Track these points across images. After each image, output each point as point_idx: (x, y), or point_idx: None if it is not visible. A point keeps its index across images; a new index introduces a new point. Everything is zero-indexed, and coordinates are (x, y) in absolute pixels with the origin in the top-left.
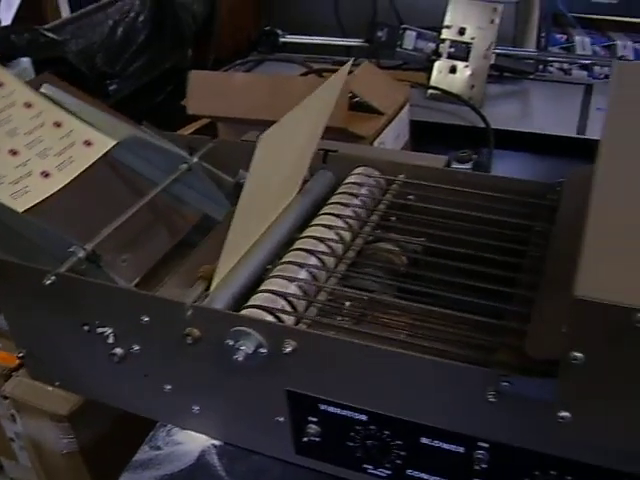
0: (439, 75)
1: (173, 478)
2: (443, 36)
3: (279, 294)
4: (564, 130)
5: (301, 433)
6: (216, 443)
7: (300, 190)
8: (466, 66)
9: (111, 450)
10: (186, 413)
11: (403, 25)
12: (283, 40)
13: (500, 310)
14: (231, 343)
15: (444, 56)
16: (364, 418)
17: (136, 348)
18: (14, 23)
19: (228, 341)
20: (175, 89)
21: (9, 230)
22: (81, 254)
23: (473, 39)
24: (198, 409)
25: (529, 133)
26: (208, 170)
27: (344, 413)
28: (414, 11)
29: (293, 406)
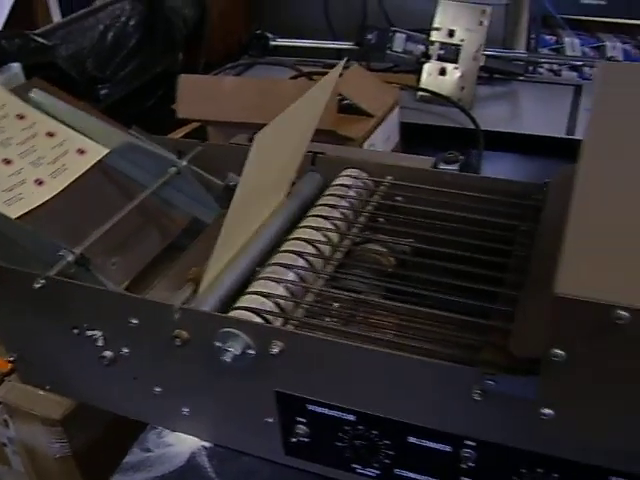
0: (429, 77)
1: None
2: (432, 38)
3: (267, 295)
4: (553, 131)
5: (290, 434)
6: (206, 445)
7: (289, 192)
8: (456, 68)
9: (104, 454)
10: (176, 415)
11: (393, 28)
12: (274, 44)
13: (486, 309)
14: (219, 345)
15: (434, 58)
16: (352, 418)
17: (125, 351)
18: (5, 28)
19: (216, 343)
20: (166, 93)
21: (2, 236)
22: (70, 258)
23: (462, 41)
24: (188, 411)
25: (519, 134)
26: (197, 173)
27: (332, 413)
28: (404, 13)
29: (282, 407)
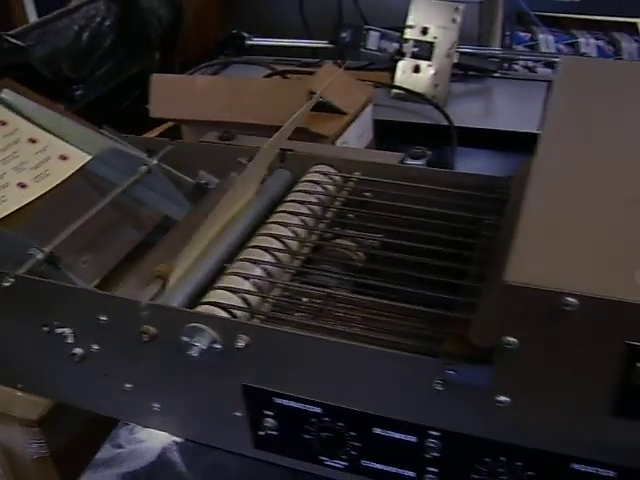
0: (403, 75)
1: (135, 475)
2: (406, 36)
3: (233, 290)
4: (527, 126)
5: (258, 427)
6: (178, 440)
7: (258, 189)
8: (429, 65)
9: (82, 455)
10: (147, 411)
11: (367, 26)
12: (250, 43)
13: (452, 301)
14: (186, 339)
15: (408, 56)
16: (318, 410)
17: (95, 348)
18: None
19: (183, 338)
20: (142, 93)
21: None
22: (40, 256)
23: (436, 38)
24: (158, 407)
25: (492, 130)
26: (168, 172)
27: (299, 406)
28: (379, 12)
29: (249, 400)
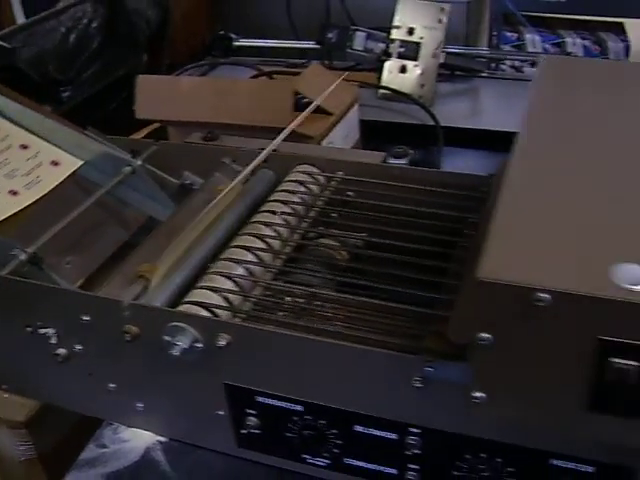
0: (390, 75)
1: (119, 475)
2: (393, 36)
3: (215, 290)
4: (513, 126)
5: (241, 426)
6: (162, 439)
7: (242, 190)
8: (416, 65)
9: (70, 455)
10: (131, 411)
11: (353, 26)
12: (237, 44)
13: (433, 299)
14: (168, 339)
15: (394, 56)
16: (300, 408)
17: (79, 348)
18: None
19: (165, 337)
20: (130, 95)
21: None
22: (22, 257)
23: (422, 39)
24: (142, 406)
25: (479, 130)
26: (152, 172)
27: (281, 404)
28: (366, 12)
29: (231, 399)
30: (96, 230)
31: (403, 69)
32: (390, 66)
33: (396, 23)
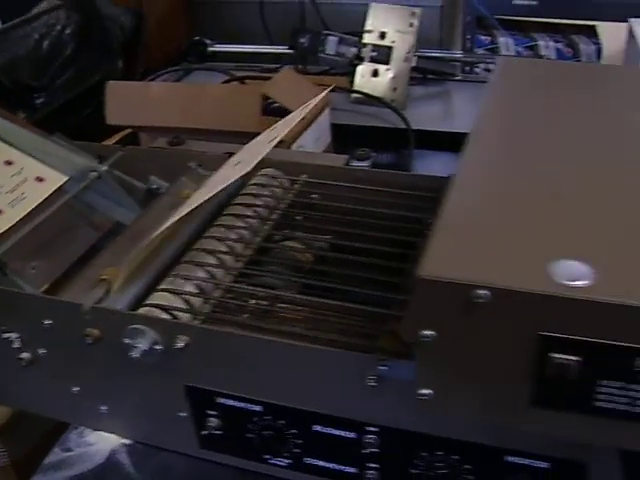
0: (362, 79)
1: (83, 478)
2: (365, 40)
3: (175, 292)
4: None
5: (202, 427)
6: (126, 442)
7: None
8: (388, 69)
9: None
10: (95, 413)
11: (325, 31)
12: (212, 49)
13: (390, 299)
14: (128, 341)
15: (366, 60)
16: (259, 409)
17: (42, 352)
18: None
19: (125, 339)
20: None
21: None
22: None
23: (394, 42)
24: (106, 409)
25: (451, 132)
26: (119, 177)
27: (240, 405)
28: (339, 17)
29: (192, 401)
30: (63, 235)
31: (375, 73)
32: (362, 70)
33: (368, 27)
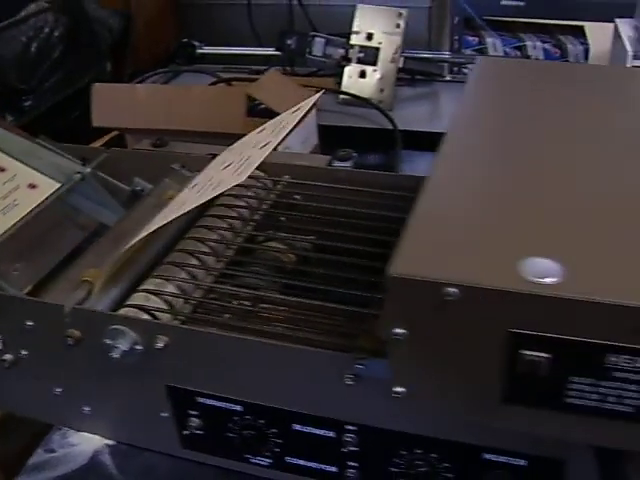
0: (349, 80)
1: (67, 479)
2: (352, 42)
3: (155, 293)
4: None
5: (184, 427)
6: (110, 443)
7: None
8: (375, 70)
9: None
10: (78, 414)
11: (312, 32)
12: (200, 51)
13: (370, 298)
14: (109, 342)
15: (353, 61)
16: (239, 409)
17: (24, 353)
18: None
19: (106, 340)
20: None
21: None
22: None
23: (380, 44)
24: (89, 410)
25: (438, 133)
26: (103, 179)
27: (221, 405)
28: (327, 19)
29: (174, 401)
30: (47, 237)
31: (362, 74)
32: (350, 71)
33: (355, 29)
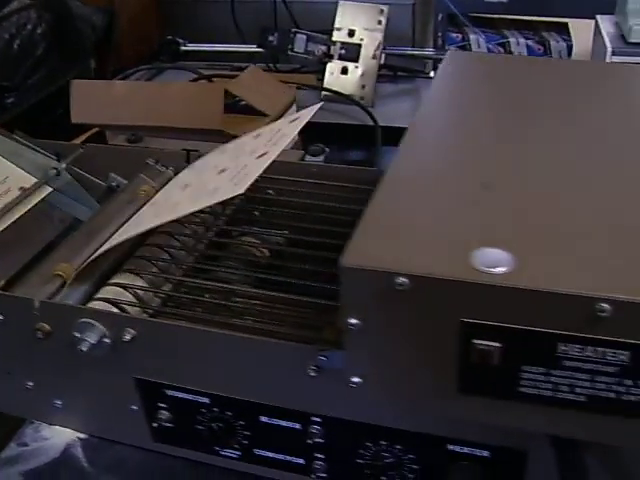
0: (331, 76)
1: (38, 472)
2: (334, 38)
3: (125, 287)
4: None
5: (154, 420)
6: (81, 436)
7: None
8: (356, 67)
9: None
10: (49, 408)
11: (294, 29)
12: (184, 49)
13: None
14: (78, 335)
15: (335, 58)
16: (207, 401)
17: None
18: None
19: (75, 333)
20: None
21: None
22: None
23: (362, 40)
24: (60, 403)
25: None
26: (78, 175)
27: (189, 397)
28: (310, 16)
29: (143, 393)
30: (20, 231)
31: (344, 70)
32: (331, 68)
33: (337, 25)
